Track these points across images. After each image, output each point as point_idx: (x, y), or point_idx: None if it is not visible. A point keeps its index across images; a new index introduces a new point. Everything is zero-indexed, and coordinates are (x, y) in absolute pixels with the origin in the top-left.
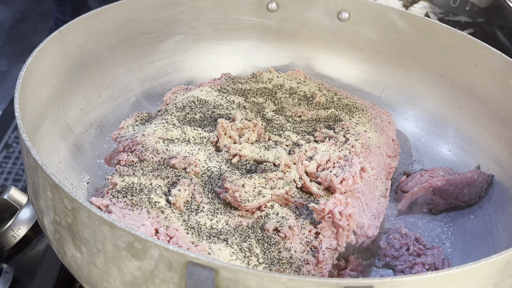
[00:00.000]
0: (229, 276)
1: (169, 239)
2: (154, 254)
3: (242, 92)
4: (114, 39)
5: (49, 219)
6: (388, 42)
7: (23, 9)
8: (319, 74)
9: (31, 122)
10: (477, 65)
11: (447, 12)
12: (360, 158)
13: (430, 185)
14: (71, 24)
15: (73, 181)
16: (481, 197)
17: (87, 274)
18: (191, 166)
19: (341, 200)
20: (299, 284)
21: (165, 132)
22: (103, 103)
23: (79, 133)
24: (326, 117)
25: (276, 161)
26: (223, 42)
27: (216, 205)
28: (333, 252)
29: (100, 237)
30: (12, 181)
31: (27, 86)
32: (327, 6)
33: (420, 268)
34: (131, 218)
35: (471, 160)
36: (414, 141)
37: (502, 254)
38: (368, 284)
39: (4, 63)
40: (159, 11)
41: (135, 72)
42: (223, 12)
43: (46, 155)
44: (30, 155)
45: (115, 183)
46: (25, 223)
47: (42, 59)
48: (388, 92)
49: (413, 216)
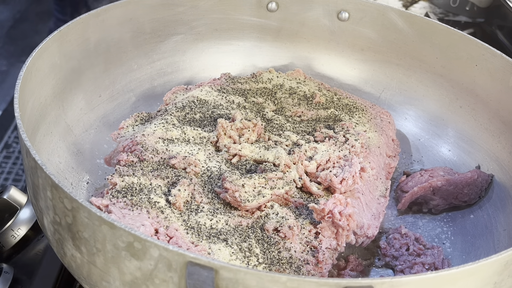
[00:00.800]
0: (228, 276)
1: (169, 239)
2: (153, 254)
3: (242, 92)
4: (114, 39)
5: (48, 219)
6: (388, 42)
7: (23, 9)
8: (319, 74)
9: (31, 122)
10: (477, 65)
11: (447, 12)
12: (360, 158)
13: (430, 185)
14: (71, 24)
15: (73, 181)
16: (481, 197)
17: (87, 274)
18: (191, 166)
19: (341, 200)
20: (298, 284)
21: (165, 132)
22: (103, 103)
23: (79, 133)
24: (326, 117)
25: (276, 161)
26: (223, 42)
27: (216, 205)
28: (333, 252)
29: (100, 237)
30: (12, 181)
31: (26, 86)
32: (327, 6)
33: (420, 268)
34: (131, 218)
35: (471, 160)
36: (414, 141)
37: (502, 254)
38: (367, 284)
39: (4, 63)
40: (159, 11)
41: (135, 72)
42: (223, 12)
43: (45, 155)
44: (29, 155)
45: (115, 183)
46: (25, 223)
47: (42, 59)
48: (388, 92)
49: (413, 216)
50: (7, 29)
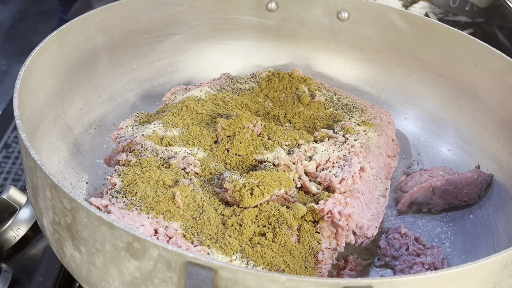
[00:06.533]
0: (228, 276)
1: (168, 239)
2: (153, 254)
3: (241, 92)
4: (114, 39)
5: (48, 219)
6: (387, 41)
7: (23, 9)
8: (319, 74)
9: (30, 122)
10: (477, 64)
11: (447, 12)
12: (360, 158)
13: (430, 185)
14: (71, 24)
15: (72, 181)
16: (481, 196)
17: (86, 274)
18: (190, 166)
19: (340, 200)
20: (298, 284)
21: (165, 132)
22: (102, 103)
23: (79, 133)
24: (325, 117)
25: (276, 161)
26: (222, 42)
27: (216, 205)
28: (332, 252)
29: (99, 237)
30: (11, 181)
31: (26, 86)
32: (327, 6)
33: (420, 268)
34: (130, 218)
35: (470, 159)
36: (414, 140)
37: (502, 254)
38: (367, 284)
39: (3, 63)
40: (158, 11)
41: (135, 72)
42: (223, 12)
43: (45, 155)
44: (29, 155)
45: (114, 183)
46: (24, 223)
47: (41, 59)
48: (388, 91)
49: (413, 216)
50: (7, 29)
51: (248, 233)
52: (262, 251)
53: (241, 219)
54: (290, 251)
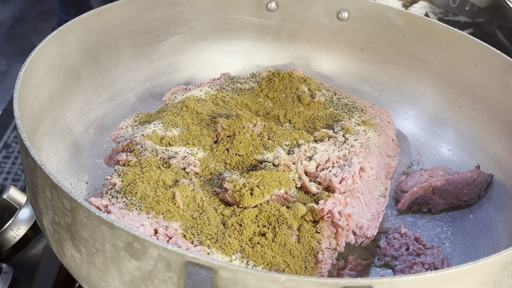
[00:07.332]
0: (228, 276)
1: (168, 239)
2: (153, 254)
3: (241, 92)
4: (114, 39)
5: (48, 219)
6: (387, 41)
7: (23, 9)
8: (319, 74)
9: (30, 122)
10: (477, 64)
11: (447, 12)
12: (360, 158)
13: (430, 185)
14: (70, 24)
15: (72, 181)
16: (481, 196)
17: (86, 274)
18: (190, 166)
19: (340, 200)
20: (298, 284)
21: (164, 132)
22: (102, 103)
23: (78, 133)
24: (325, 117)
25: (276, 161)
26: (222, 42)
27: (216, 205)
28: (332, 252)
29: (99, 237)
30: (11, 180)
31: (26, 86)
32: (327, 6)
33: (420, 267)
34: (130, 218)
35: (470, 159)
36: (414, 140)
37: (502, 254)
38: (367, 284)
39: (3, 63)
40: (158, 11)
41: (135, 72)
42: (223, 12)
43: (45, 155)
44: (29, 155)
45: (114, 183)
46: (24, 223)
47: (41, 59)
48: (388, 91)
49: (413, 215)
50: (7, 29)
51: (248, 233)
52: (262, 251)
53: (241, 219)
54: (290, 251)
